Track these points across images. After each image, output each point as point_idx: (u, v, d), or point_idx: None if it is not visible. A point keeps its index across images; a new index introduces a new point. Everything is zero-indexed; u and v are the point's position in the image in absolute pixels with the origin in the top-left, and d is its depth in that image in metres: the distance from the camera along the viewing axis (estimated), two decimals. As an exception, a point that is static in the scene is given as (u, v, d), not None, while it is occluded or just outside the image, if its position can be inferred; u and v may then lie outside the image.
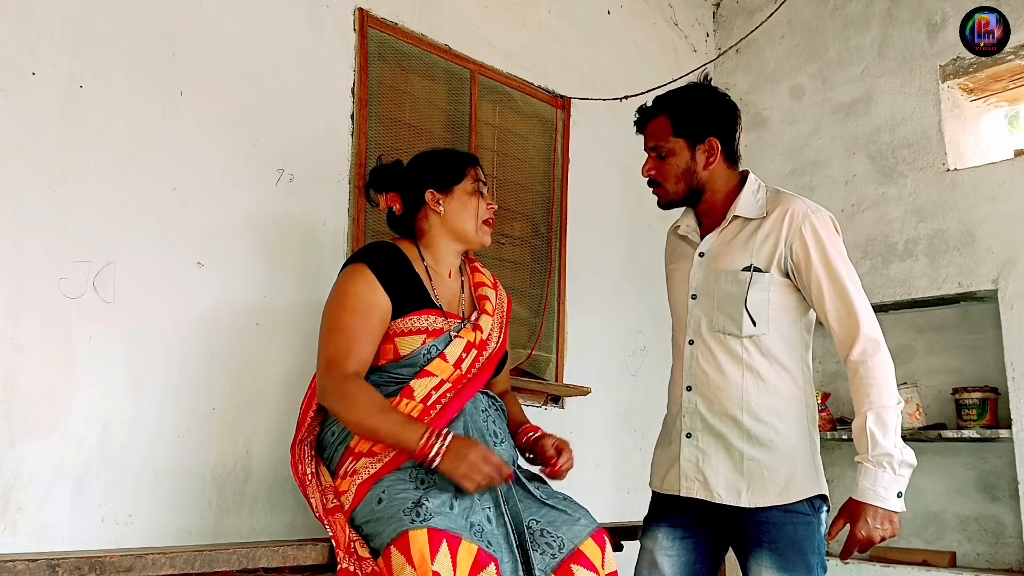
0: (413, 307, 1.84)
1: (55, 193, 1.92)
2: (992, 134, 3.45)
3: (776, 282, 1.82)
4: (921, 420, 3.15)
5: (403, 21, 2.66)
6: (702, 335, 1.87)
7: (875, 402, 1.71)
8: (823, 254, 1.79)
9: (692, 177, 1.90)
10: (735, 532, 1.85)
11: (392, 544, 1.54)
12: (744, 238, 1.86)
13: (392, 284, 1.83)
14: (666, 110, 1.91)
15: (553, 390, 2.93)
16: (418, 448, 1.65)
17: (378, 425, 1.70)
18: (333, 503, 1.72)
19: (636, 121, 1.97)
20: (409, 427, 1.68)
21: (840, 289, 1.77)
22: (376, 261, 1.86)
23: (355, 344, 1.78)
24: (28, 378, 1.84)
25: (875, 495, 1.68)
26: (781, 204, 1.85)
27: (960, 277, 3.08)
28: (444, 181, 1.94)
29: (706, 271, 1.89)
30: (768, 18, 3.28)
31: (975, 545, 3.12)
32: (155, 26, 2.13)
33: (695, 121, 1.89)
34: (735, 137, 1.93)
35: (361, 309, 1.80)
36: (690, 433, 1.86)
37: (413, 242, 1.96)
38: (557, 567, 1.70)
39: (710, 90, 1.95)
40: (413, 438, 1.65)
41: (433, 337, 1.83)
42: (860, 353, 1.74)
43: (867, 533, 1.68)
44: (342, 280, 1.86)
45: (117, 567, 1.43)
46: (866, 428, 1.71)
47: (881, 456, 1.69)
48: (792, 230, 1.81)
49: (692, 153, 1.89)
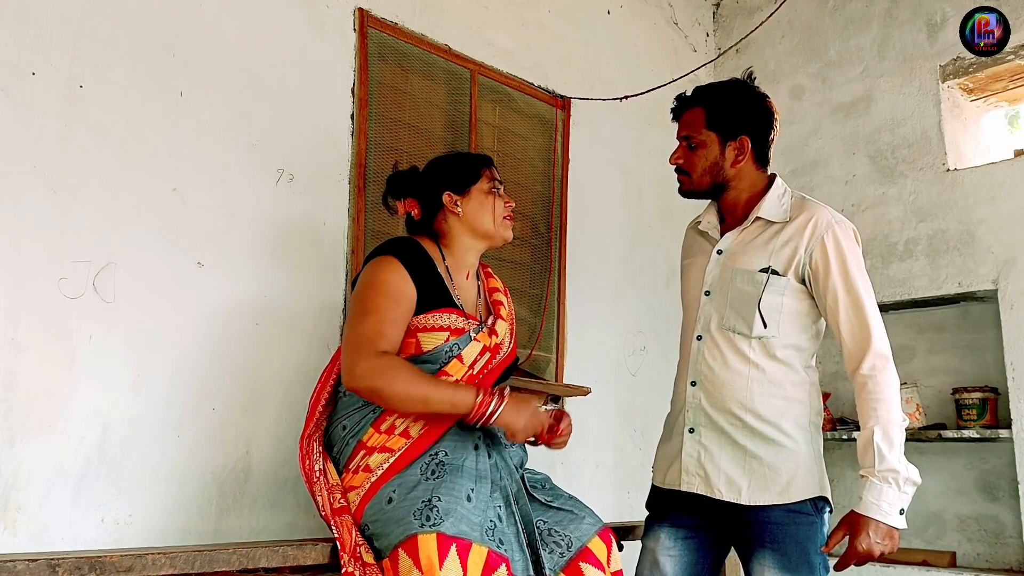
0: (436, 304, 1.84)
1: (55, 193, 1.92)
2: (992, 134, 3.45)
3: (791, 287, 1.82)
4: (921, 420, 3.15)
5: (403, 21, 2.66)
6: (711, 332, 1.87)
7: (882, 417, 1.71)
8: (843, 265, 1.79)
9: (718, 172, 1.91)
10: (738, 532, 1.85)
11: (400, 546, 1.54)
12: (764, 240, 1.86)
13: (419, 278, 1.83)
14: (703, 102, 1.92)
15: (553, 390, 2.92)
16: (476, 405, 1.69)
17: (428, 392, 1.70)
18: (340, 503, 1.71)
19: (673, 109, 1.98)
20: (462, 389, 1.72)
21: (856, 302, 1.78)
22: (404, 254, 1.85)
23: (387, 327, 1.76)
24: (28, 378, 1.84)
25: (878, 509, 1.67)
26: (806, 211, 1.86)
27: (960, 277, 3.08)
28: (461, 183, 1.94)
29: (722, 269, 1.89)
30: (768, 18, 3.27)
31: (975, 545, 3.13)
32: (155, 26, 2.13)
33: (729, 117, 1.89)
34: (768, 139, 1.94)
35: (393, 294, 1.79)
36: (693, 428, 1.87)
37: (434, 242, 1.96)
38: (566, 565, 1.71)
39: (750, 89, 1.95)
40: (469, 398, 1.70)
41: (456, 336, 1.83)
42: (870, 368, 1.74)
43: (867, 547, 1.68)
44: (372, 268, 1.84)
45: (117, 567, 1.43)
46: (873, 442, 1.70)
47: (887, 472, 1.68)
48: (814, 238, 1.81)
49: (722, 148, 1.90)
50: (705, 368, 1.87)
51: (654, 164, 3.39)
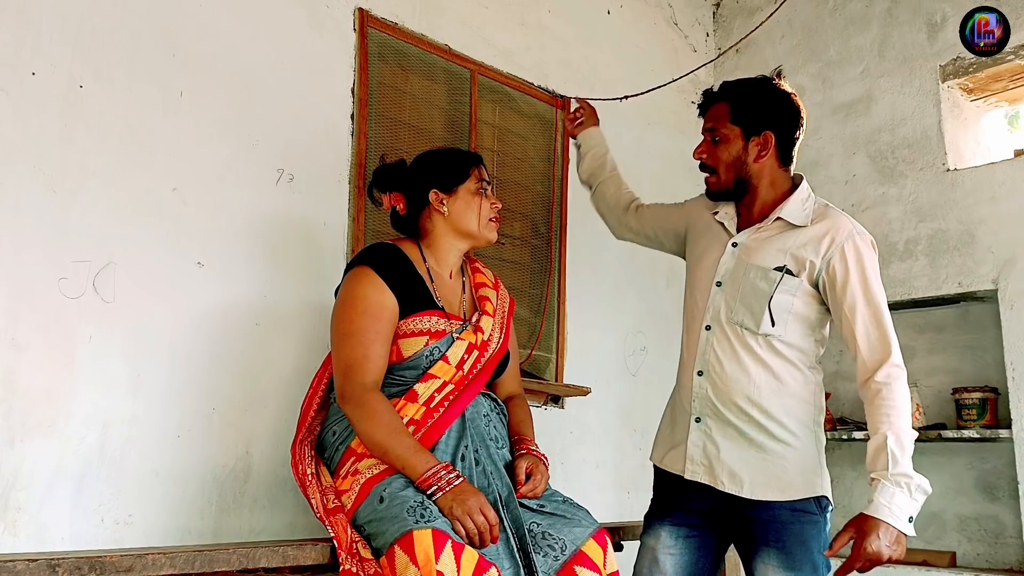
0: (416, 308, 1.84)
1: (55, 193, 1.92)
2: (992, 134, 3.45)
3: (803, 289, 1.83)
4: (921, 420, 3.14)
5: (403, 21, 2.66)
6: (720, 323, 1.88)
7: (895, 424, 1.70)
8: (863, 275, 1.80)
9: (741, 167, 1.91)
10: (740, 530, 1.85)
11: (396, 544, 1.54)
12: (782, 240, 1.87)
13: (396, 285, 1.83)
14: (728, 96, 1.93)
15: (553, 390, 2.92)
16: (421, 477, 1.65)
17: (390, 446, 1.69)
18: (334, 503, 1.72)
19: (700, 104, 1.99)
20: (420, 456, 1.68)
21: (876, 313, 1.78)
22: (379, 262, 1.86)
23: (370, 348, 1.77)
24: (28, 378, 1.84)
25: (889, 512, 1.64)
26: (828, 218, 1.86)
27: (960, 277, 3.08)
28: (448, 181, 1.93)
29: (737, 262, 1.89)
30: (768, 18, 3.27)
31: (975, 545, 3.12)
32: (155, 26, 2.13)
33: (754, 112, 1.90)
34: (793, 138, 1.94)
35: (372, 311, 1.79)
36: (699, 418, 1.87)
37: (415, 242, 1.96)
38: (560, 569, 1.69)
39: (776, 87, 1.95)
40: (420, 467, 1.66)
41: (436, 339, 1.82)
42: (886, 376, 1.74)
43: (876, 549, 1.63)
44: (348, 283, 1.85)
45: (117, 567, 1.43)
46: (887, 447, 1.68)
47: (900, 476, 1.66)
48: (834, 246, 1.82)
49: (745, 143, 1.90)
50: (713, 359, 1.87)
51: (654, 164, 3.39)
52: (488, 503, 1.66)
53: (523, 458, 1.85)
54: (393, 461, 1.69)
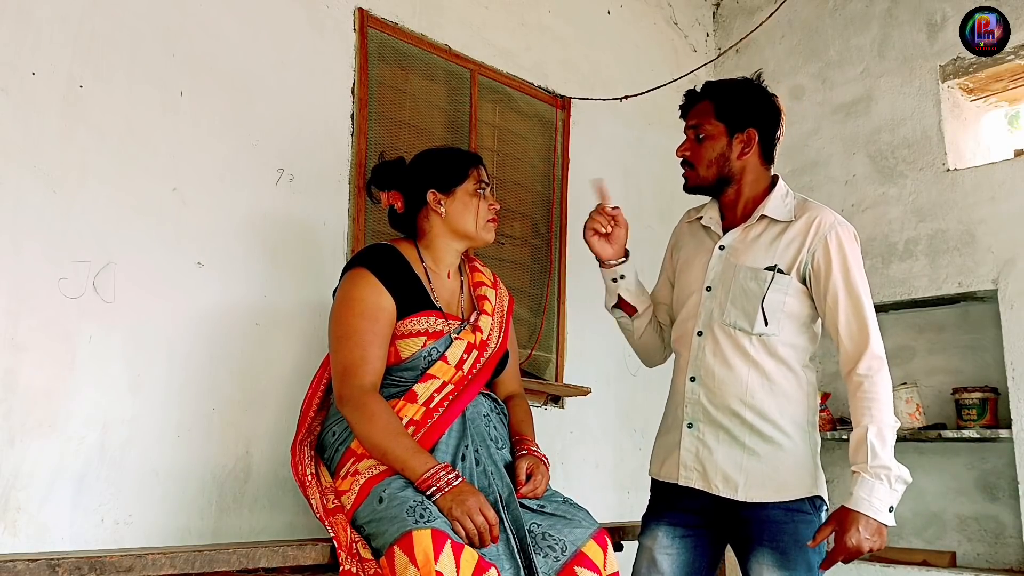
0: (414, 309, 1.84)
1: (55, 193, 1.92)
2: (992, 134, 3.45)
3: (794, 286, 1.84)
4: (921, 420, 3.14)
5: (403, 21, 2.66)
6: (712, 327, 1.88)
7: (876, 417, 1.72)
8: (844, 266, 1.81)
9: (724, 164, 1.92)
10: (736, 530, 1.85)
11: (395, 544, 1.54)
12: (769, 239, 1.88)
13: (394, 286, 1.83)
14: (712, 95, 1.95)
15: (553, 390, 2.92)
16: (421, 478, 1.65)
17: (389, 447, 1.69)
18: (334, 504, 1.72)
19: (682, 105, 2.00)
20: (419, 457, 1.68)
21: (856, 304, 1.79)
22: (376, 263, 1.85)
23: (368, 350, 1.78)
24: (28, 378, 1.84)
25: (869, 505, 1.68)
26: (809, 211, 1.88)
27: (960, 277, 3.08)
28: (446, 182, 1.93)
29: (725, 265, 1.90)
30: (768, 18, 3.28)
31: (975, 545, 3.12)
32: (155, 26, 2.13)
33: (738, 109, 1.91)
34: (775, 136, 1.95)
35: (369, 313, 1.79)
36: (692, 423, 1.87)
37: (412, 242, 1.96)
38: (560, 569, 1.69)
39: (759, 86, 1.97)
40: (419, 468, 1.66)
41: (433, 339, 1.82)
42: (867, 368, 1.75)
43: (857, 542, 1.68)
44: (346, 285, 1.85)
45: (117, 567, 1.43)
46: (867, 440, 1.70)
47: (879, 468, 1.69)
48: (817, 238, 1.83)
49: (729, 140, 1.91)
50: (705, 364, 1.87)
51: (654, 164, 3.39)
52: (488, 503, 1.66)
53: (524, 458, 1.85)
54: (392, 462, 1.69)
